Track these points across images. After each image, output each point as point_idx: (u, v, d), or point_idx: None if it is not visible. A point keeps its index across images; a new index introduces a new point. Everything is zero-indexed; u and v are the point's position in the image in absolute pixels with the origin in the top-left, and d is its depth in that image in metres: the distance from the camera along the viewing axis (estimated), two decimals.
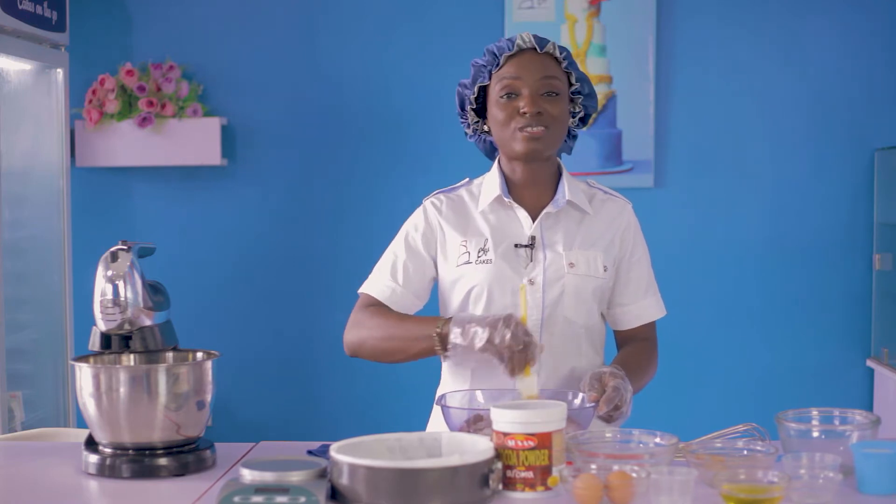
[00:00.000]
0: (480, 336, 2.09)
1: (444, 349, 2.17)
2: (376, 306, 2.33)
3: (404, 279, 2.34)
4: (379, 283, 2.36)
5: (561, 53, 2.29)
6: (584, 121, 2.38)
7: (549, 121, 2.25)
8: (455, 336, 2.13)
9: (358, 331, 2.32)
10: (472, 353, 2.13)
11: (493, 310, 2.28)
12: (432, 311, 2.40)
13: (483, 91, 2.32)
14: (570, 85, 2.31)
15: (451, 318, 2.17)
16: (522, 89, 2.25)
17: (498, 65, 2.27)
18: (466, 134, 2.40)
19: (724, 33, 4.47)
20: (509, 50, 2.26)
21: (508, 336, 2.07)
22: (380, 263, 2.39)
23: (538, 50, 2.27)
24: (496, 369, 2.24)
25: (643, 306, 2.39)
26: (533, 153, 2.27)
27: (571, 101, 2.33)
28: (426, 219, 2.37)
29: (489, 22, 4.47)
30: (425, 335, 2.19)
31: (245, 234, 4.62)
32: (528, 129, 2.24)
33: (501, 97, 2.26)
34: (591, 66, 4.42)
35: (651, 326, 2.42)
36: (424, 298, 2.38)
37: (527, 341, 2.08)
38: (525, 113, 2.24)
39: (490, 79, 2.29)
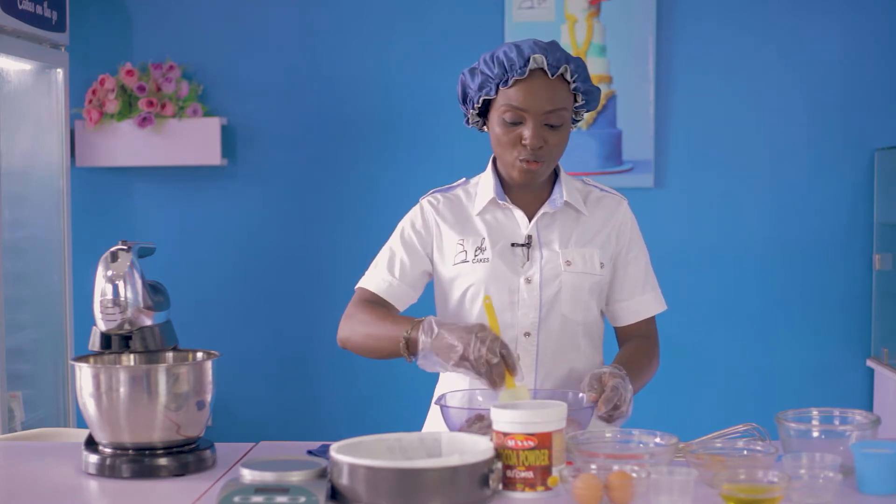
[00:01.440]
0: (455, 352, 2.02)
1: (411, 354, 2.13)
2: (368, 302, 2.33)
3: (401, 273, 2.34)
4: (376, 278, 2.36)
5: (573, 76, 2.24)
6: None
7: (548, 154, 2.24)
8: (424, 344, 2.08)
9: (348, 324, 2.32)
10: (444, 364, 2.07)
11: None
12: (428, 307, 2.40)
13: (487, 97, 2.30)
14: (576, 101, 2.28)
15: (421, 322, 2.11)
16: (527, 119, 2.22)
17: (506, 82, 2.22)
18: (466, 120, 2.37)
19: (724, 33, 4.47)
20: (521, 69, 2.20)
21: (484, 350, 2.00)
22: (377, 259, 2.39)
23: (549, 75, 2.21)
24: None
25: (641, 301, 2.39)
26: (528, 181, 2.28)
27: (575, 111, 2.31)
28: (423, 216, 2.37)
29: (489, 22, 4.47)
30: (395, 337, 2.15)
31: (245, 234, 4.62)
32: (527, 161, 2.23)
33: (505, 120, 2.24)
34: (591, 66, 4.41)
35: (651, 322, 2.42)
36: (419, 291, 2.38)
37: (504, 352, 2.02)
38: (526, 145, 2.22)
39: (496, 92, 2.25)
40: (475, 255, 2.30)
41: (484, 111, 2.32)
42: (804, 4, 4.46)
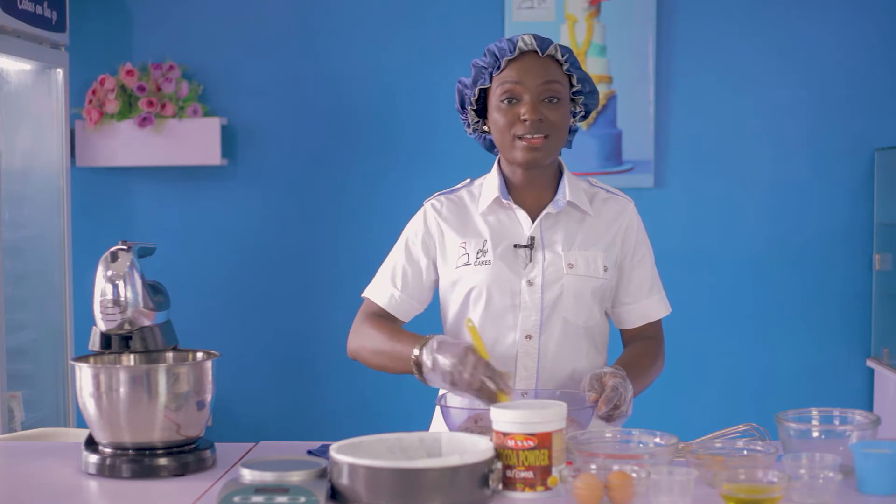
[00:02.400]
0: (445, 377, 2.07)
1: (422, 376, 2.16)
2: (375, 315, 2.35)
3: (403, 285, 2.35)
4: (380, 289, 2.37)
5: (563, 55, 2.26)
6: (584, 116, 2.37)
7: (549, 128, 2.24)
8: (426, 369, 2.12)
9: (356, 338, 2.35)
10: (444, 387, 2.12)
11: (492, 310, 2.28)
12: (434, 312, 2.40)
13: (483, 92, 2.31)
14: (572, 86, 2.30)
15: (426, 344, 2.14)
16: (523, 94, 2.23)
17: (499, 67, 2.25)
18: (466, 130, 2.39)
19: (724, 33, 4.47)
20: (510, 52, 2.24)
21: (467, 376, 2.04)
22: (382, 268, 2.40)
23: (540, 53, 2.25)
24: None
25: (647, 305, 2.39)
26: (532, 162, 2.27)
27: (572, 100, 2.32)
28: (425, 223, 2.37)
29: (489, 22, 4.47)
30: (406, 358, 2.18)
31: (245, 234, 4.62)
32: (528, 137, 2.23)
33: (502, 101, 2.25)
34: (591, 66, 4.42)
35: (656, 324, 2.41)
36: (426, 302, 2.39)
37: (489, 375, 2.04)
38: (526, 120, 2.23)
39: (490, 81, 2.27)
40: (477, 258, 2.30)
41: (483, 111, 2.32)
42: (804, 4, 4.46)
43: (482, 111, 2.34)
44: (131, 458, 2.02)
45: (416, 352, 2.15)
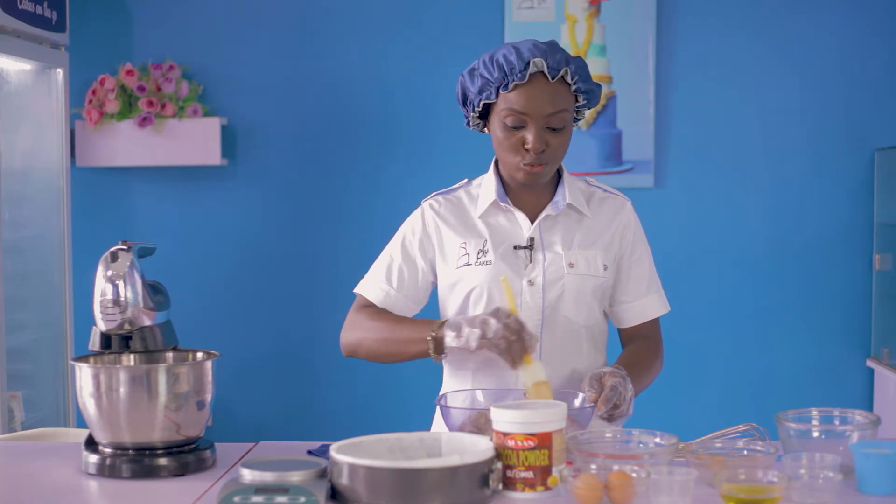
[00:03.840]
0: (474, 335, 2.10)
1: (439, 353, 2.19)
2: (373, 307, 2.34)
3: (398, 283, 2.34)
4: (374, 286, 2.36)
5: (573, 78, 2.22)
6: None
7: (551, 155, 2.23)
8: (450, 339, 2.15)
9: (355, 332, 2.33)
10: (469, 353, 2.17)
11: None
12: (432, 313, 2.40)
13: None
14: (577, 101, 2.27)
15: (445, 322, 2.18)
16: (529, 123, 2.21)
17: (506, 86, 2.21)
18: (467, 122, 2.35)
19: (724, 33, 4.47)
20: (520, 73, 2.18)
21: (501, 328, 2.08)
22: (376, 264, 2.39)
23: (550, 79, 2.20)
24: (496, 369, 2.25)
25: (645, 303, 2.39)
26: (532, 183, 2.27)
27: (577, 110, 2.30)
28: (423, 223, 2.36)
29: (489, 22, 4.47)
30: (420, 338, 2.21)
31: (245, 234, 4.62)
32: (530, 165, 2.22)
33: (506, 124, 2.23)
34: (591, 66, 4.39)
35: (654, 323, 2.42)
36: (422, 302, 2.39)
37: (519, 329, 2.09)
38: (529, 149, 2.21)
39: (496, 96, 2.23)
40: (477, 258, 2.30)
41: (484, 113, 2.31)
42: (804, 4, 4.45)
43: (485, 113, 2.32)
44: (131, 458, 2.02)
45: (434, 329, 2.18)
